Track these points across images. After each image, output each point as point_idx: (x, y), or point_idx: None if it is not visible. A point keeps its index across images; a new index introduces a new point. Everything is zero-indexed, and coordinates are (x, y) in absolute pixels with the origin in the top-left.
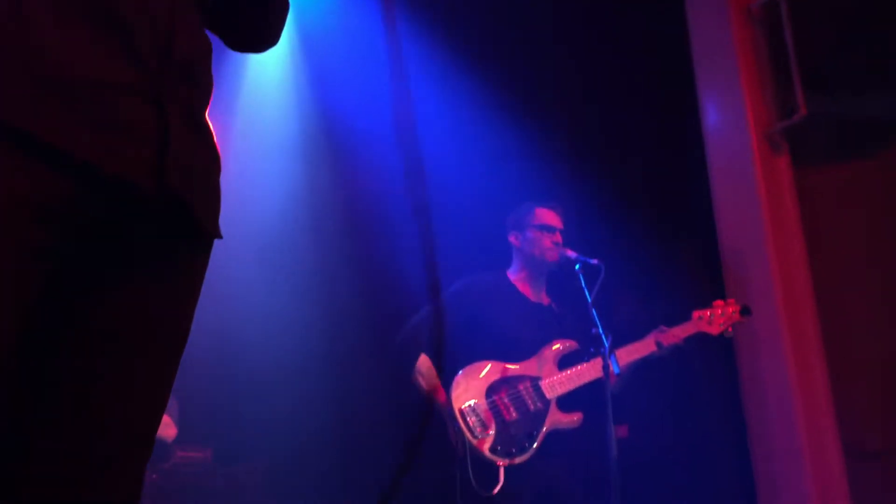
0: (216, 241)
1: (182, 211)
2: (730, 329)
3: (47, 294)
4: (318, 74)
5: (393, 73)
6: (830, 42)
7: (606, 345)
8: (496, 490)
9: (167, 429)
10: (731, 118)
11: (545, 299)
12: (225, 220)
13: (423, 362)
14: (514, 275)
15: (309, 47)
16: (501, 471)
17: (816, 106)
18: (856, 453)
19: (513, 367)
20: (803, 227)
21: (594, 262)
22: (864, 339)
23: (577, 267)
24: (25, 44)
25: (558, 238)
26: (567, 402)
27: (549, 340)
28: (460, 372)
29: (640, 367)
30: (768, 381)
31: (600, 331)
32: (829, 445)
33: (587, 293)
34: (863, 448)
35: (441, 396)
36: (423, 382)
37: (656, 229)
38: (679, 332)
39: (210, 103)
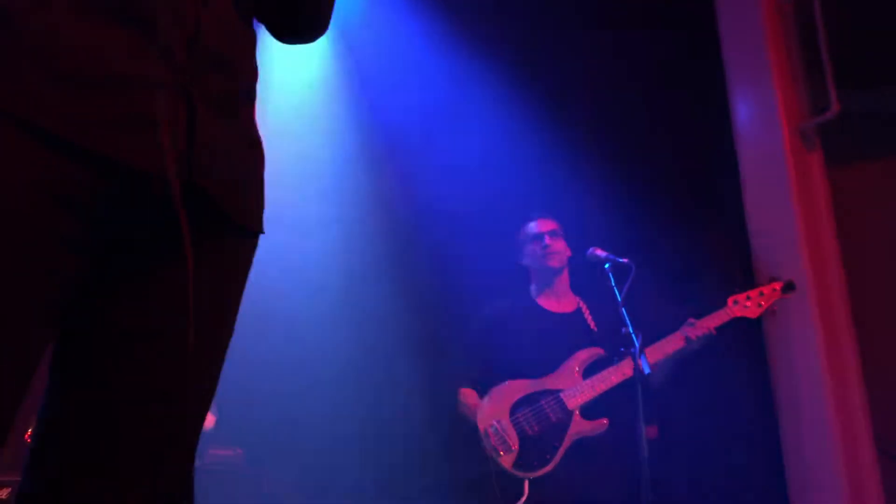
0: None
1: (211, 205)
2: (774, 308)
3: (81, 294)
4: (355, 72)
5: None
6: (863, 36)
7: (637, 344)
8: (521, 502)
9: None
10: (762, 114)
11: (570, 306)
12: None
13: (468, 395)
14: (534, 291)
15: (345, 46)
16: (526, 484)
17: (849, 102)
18: (888, 450)
19: (536, 383)
20: (836, 224)
21: (624, 260)
22: None
23: (606, 266)
24: (47, 41)
25: (547, 241)
26: (597, 408)
27: (574, 350)
28: (486, 395)
29: (678, 363)
30: (801, 376)
31: (630, 330)
32: (861, 442)
33: (617, 292)
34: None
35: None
36: (468, 412)
37: (687, 226)
38: (710, 322)
39: (254, 94)
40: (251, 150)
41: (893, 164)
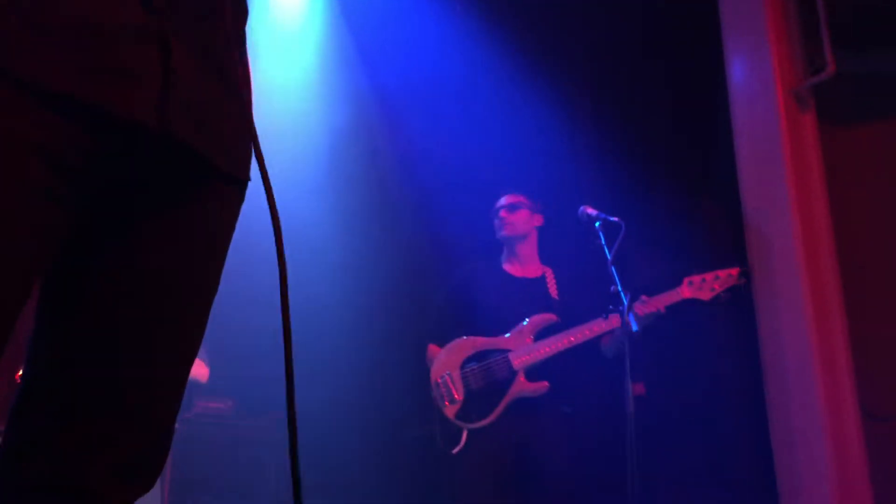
0: (255, 205)
1: (191, 153)
2: (724, 294)
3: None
4: (354, 52)
5: None
6: None
7: (626, 302)
8: (456, 450)
9: (199, 368)
10: (757, 75)
11: (535, 272)
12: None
13: (431, 350)
14: (503, 259)
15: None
16: (464, 434)
17: (845, 63)
18: (873, 415)
19: (489, 342)
20: (828, 186)
21: (614, 219)
22: (886, 301)
23: (597, 224)
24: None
25: (502, 214)
26: (542, 371)
27: (531, 314)
28: (443, 349)
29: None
30: (788, 341)
31: (619, 288)
32: (847, 407)
33: (607, 251)
34: (880, 411)
35: None
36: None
37: (679, 187)
38: (660, 302)
39: (243, 36)
40: (237, 95)
41: (887, 127)
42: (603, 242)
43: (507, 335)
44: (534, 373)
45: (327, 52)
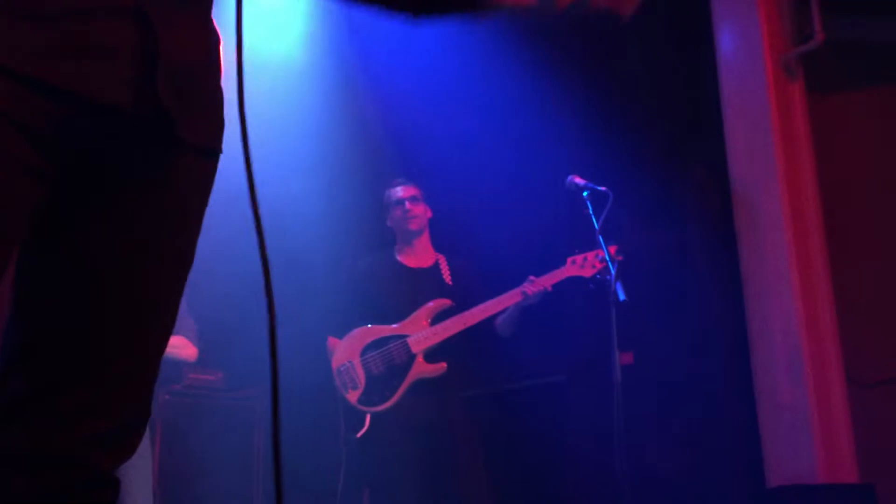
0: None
1: (171, 126)
2: (602, 271)
3: (42, 226)
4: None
5: None
6: None
7: (613, 271)
8: (360, 433)
9: (187, 349)
10: (745, 43)
11: (428, 261)
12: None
13: (331, 341)
14: (396, 250)
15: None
16: (367, 417)
17: (834, 31)
18: (859, 382)
19: (387, 329)
20: (816, 155)
21: (602, 189)
22: (872, 272)
23: (584, 194)
24: None
25: (408, 206)
26: (439, 353)
27: (426, 301)
28: (343, 339)
29: (519, 315)
30: (775, 311)
31: (607, 257)
32: (832, 373)
33: (594, 220)
34: (866, 379)
35: None
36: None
37: (667, 156)
38: (547, 280)
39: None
40: (210, 63)
41: (875, 95)
42: (591, 212)
43: (405, 322)
44: (432, 356)
45: (316, 25)
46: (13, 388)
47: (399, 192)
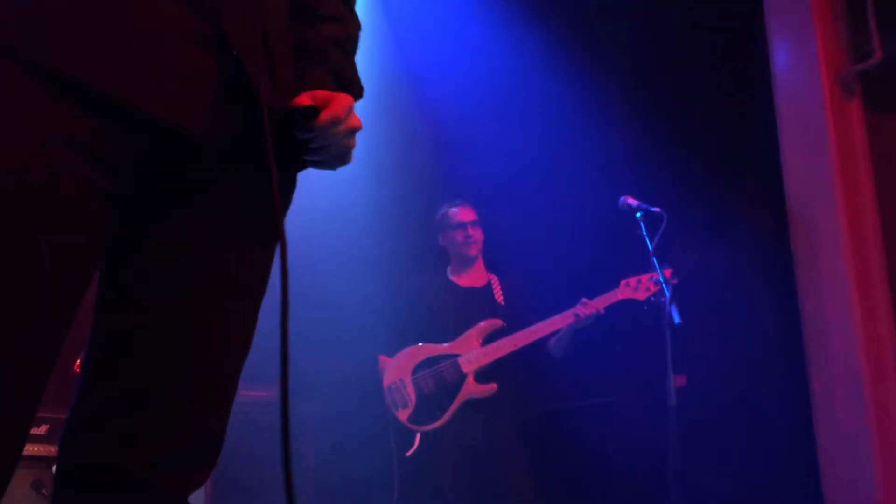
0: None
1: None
2: (656, 294)
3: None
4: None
5: None
6: None
7: (668, 294)
8: (409, 452)
9: None
10: (801, 60)
11: (481, 281)
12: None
13: (382, 360)
14: (450, 271)
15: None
16: (417, 437)
17: (893, 48)
18: None
19: (439, 348)
20: (874, 175)
21: (656, 210)
22: None
23: (637, 215)
24: (81, 4)
25: (469, 231)
26: (491, 374)
27: (479, 321)
28: (394, 357)
29: (571, 338)
30: (832, 330)
31: (661, 279)
32: (894, 400)
33: (648, 242)
34: None
35: None
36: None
37: (721, 174)
38: (600, 302)
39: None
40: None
41: None
42: (644, 233)
43: (456, 341)
44: (483, 376)
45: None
46: (94, 404)
47: (459, 214)
